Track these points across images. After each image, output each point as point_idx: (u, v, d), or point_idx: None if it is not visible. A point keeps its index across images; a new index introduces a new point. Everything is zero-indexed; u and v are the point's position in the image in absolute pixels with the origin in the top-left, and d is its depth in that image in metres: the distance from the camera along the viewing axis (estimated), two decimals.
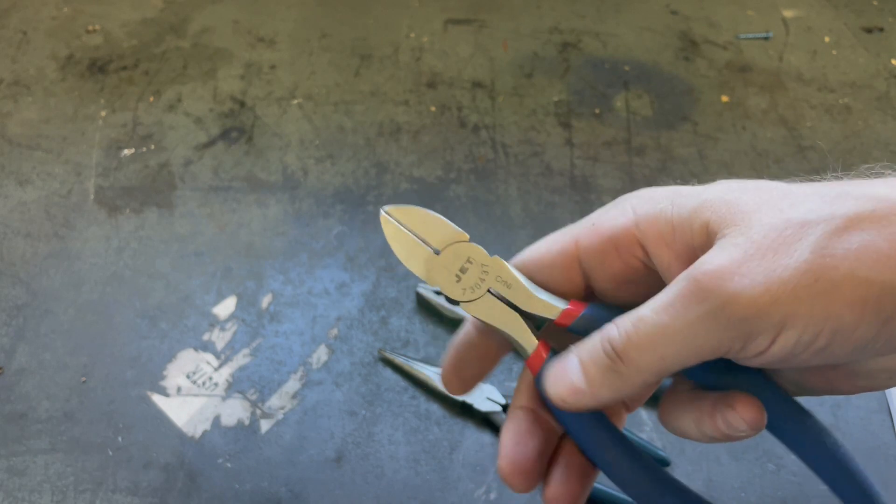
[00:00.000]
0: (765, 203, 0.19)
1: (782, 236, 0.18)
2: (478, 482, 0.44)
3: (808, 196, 0.19)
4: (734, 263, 0.18)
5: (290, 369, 0.49)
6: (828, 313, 0.18)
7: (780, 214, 0.19)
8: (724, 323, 0.18)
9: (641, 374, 0.20)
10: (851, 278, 0.18)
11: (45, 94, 0.68)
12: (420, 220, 0.25)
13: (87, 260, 0.55)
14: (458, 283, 0.24)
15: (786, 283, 0.18)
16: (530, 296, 0.23)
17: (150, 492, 0.43)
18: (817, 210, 0.18)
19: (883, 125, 0.66)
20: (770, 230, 0.19)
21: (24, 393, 0.48)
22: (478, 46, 0.73)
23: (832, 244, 0.18)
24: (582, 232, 0.22)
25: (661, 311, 0.19)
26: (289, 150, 0.63)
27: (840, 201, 0.19)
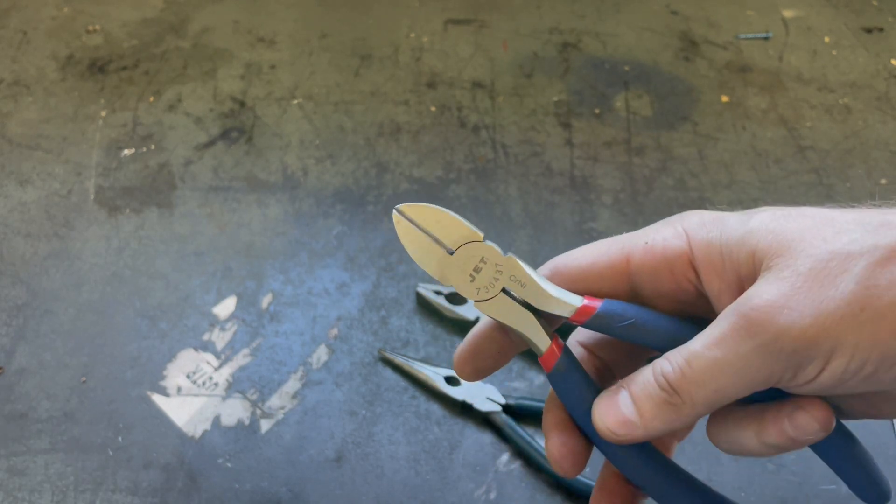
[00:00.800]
0: (808, 232, 0.20)
1: (828, 268, 0.19)
2: (478, 482, 0.44)
3: (851, 226, 0.20)
4: (782, 297, 0.19)
5: (290, 369, 0.49)
6: (875, 341, 0.19)
7: (824, 245, 0.19)
8: (776, 355, 0.19)
9: (696, 408, 0.21)
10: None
11: (46, 94, 0.68)
12: (434, 218, 0.24)
13: (87, 260, 0.55)
14: (472, 282, 0.24)
15: (833, 315, 0.19)
16: (544, 294, 0.23)
17: (150, 492, 0.43)
18: (860, 241, 0.19)
19: (883, 125, 0.66)
20: (816, 262, 0.19)
21: (24, 393, 0.48)
22: (478, 46, 0.73)
23: (876, 275, 0.19)
24: (635, 249, 0.24)
25: (714, 347, 0.20)
26: (289, 150, 0.63)
27: (883, 231, 0.19)
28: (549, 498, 0.43)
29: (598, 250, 0.25)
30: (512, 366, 0.49)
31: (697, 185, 0.61)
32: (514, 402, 0.46)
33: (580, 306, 0.23)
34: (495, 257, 0.24)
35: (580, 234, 0.57)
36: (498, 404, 0.46)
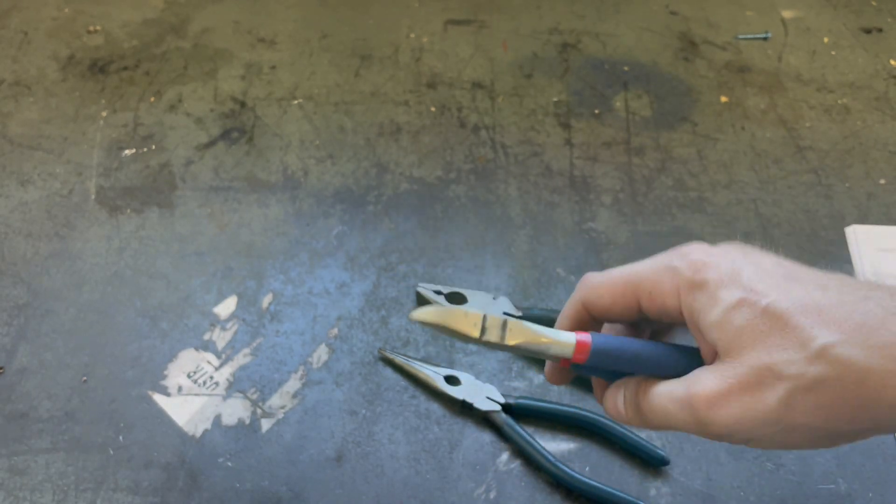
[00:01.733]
0: (758, 341, 0.24)
1: (759, 380, 0.23)
2: (478, 481, 0.44)
3: (793, 343, 0.23)
4: (717, 395, 0.24)
5: (290, 369, 0.49)
6: (787, 442, 0.25)
7: (763, 357, 0.23)
8: (704, 430, 0.25)
9: (653, 425, 0.27)
10: (807, 427, 0.23)
11: (46, 95, 0.68)
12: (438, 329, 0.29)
13: (88, 260, 0.55)
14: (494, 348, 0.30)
15: (753, 421, 0.24)
16: (543, 352, 0.29)
17: (151, 491, 0.43)
18: (795, 365, 0.23)
19: (882, 125, 0.66)
20: (750, 372, 0.24)
21: (25, 392, 0.48)
22: (478, 47, 0.74)
23: (797, 400, 0.23)
24: (642, 296, 0.28)
25: (670, 404, 0.26)
26: (289, 150, 0.63)
27: (817, 363, 0.23)
28: (549, 497, 0.43)
29: (616, 280, 0.29)
30: (511, 365, 0.49)
31: (697, 185, 0.61)
32: (513, 402, 0.46)
33: (577, 343, 0.28)
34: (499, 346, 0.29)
35: (580, 234, 0.57)
36: (497, 404, 0.46)
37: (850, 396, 0.22)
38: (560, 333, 0.28)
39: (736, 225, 0.58)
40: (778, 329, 0.24)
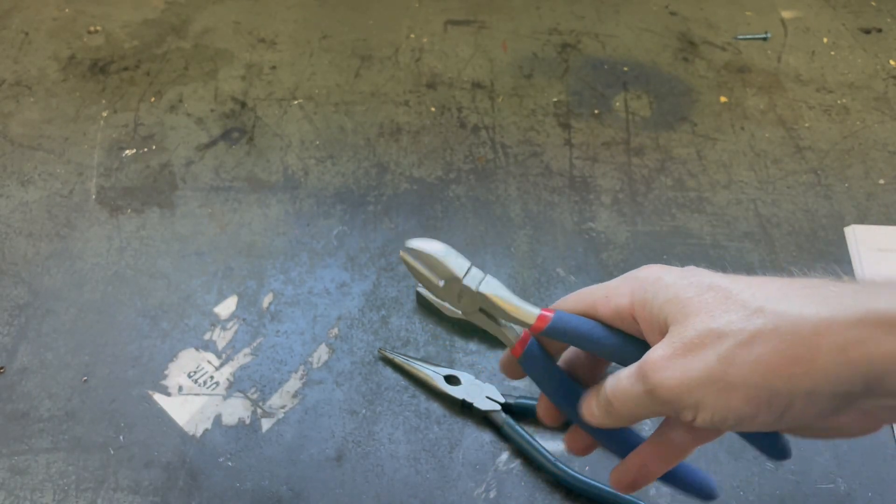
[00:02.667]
0: (703, 309, 0.25)
1: (702, 342, 0.25)
2: (477, 481, 0.44)
3: (735, 307, 0.25)
4: (663, 358, 0.25)
5: (290, 368, 0.49)
6: (729, 406, 0.24)
7: (708, 322, 0.25)
8: (656, 400, 0.26)
9: (623, 419, 0.28)
10: (745, 384, 0.24)
11: (47, 95, 0.68)
12: (427, 260, 0.32)
13: (88, 260, 0.55)
14: (459, 303, 0.34)
15: (694, 380, 0.24)
16: (507, 311, 0.31)
17: (151, 490, 0.43)
18: (735, 322, 0.24)
19: (881, 125, 0.66)
20: (695, 335, 0.25)
21: (25, 392, 0.48)
22: (477, 47, 0.74)
23: (735, 354, 0.24)
24: (598, 301, 0.30)
25: (625, 380, 0.27)
26: (289, 150, 0.63)
27: (755, 317, 0.24)
28: (549, 496, 0.43)
29: (579, 298, 0.31)
30: None
31: (696, 186, 0.61)
32: (513, 401, 0.46)
33: (538, 315, 0.30)
34: (471, 292, 0.32)
35: (579, 234, 0.57)
36: (497, 403, 0.46)
37: (785, 346, 0.23)
38: (528, 305, 0.31)
39: (735, 225, 0.58)
40: (722, 298, 0.25)
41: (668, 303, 0.26)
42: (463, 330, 0.51)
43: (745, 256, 0.56)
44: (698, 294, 0.26)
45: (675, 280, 0.27)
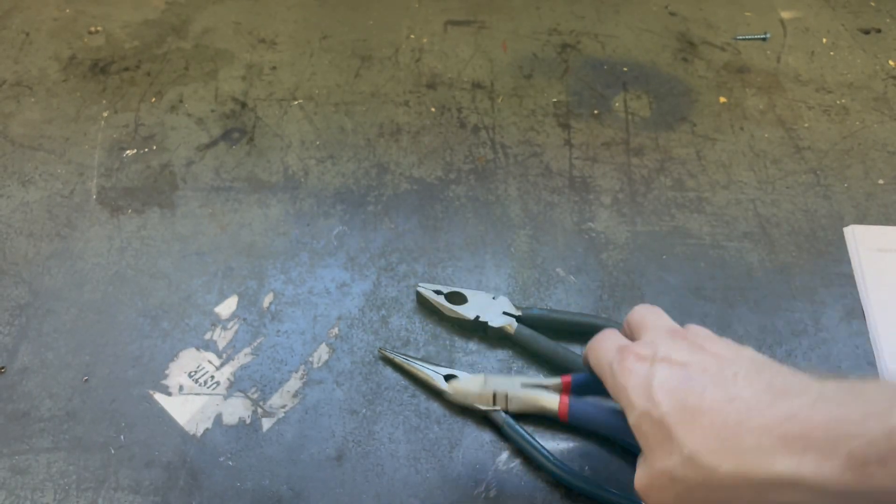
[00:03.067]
0: (657, 447, 0.30)
1: (662, 483, 0.30)
2: (478, 480, 0.44)
3: (675, 451, 0.29)
4: (643, 489, 0.32)
5: (291, 368, 0.49)
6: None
7: (660, 464, 0.30)
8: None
9: None
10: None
11: (48, 95, 0.68)
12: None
13: (89, 260, 0.55)
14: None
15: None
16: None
17: (152, 490, 0.44)
18: (677, 469, 0.29)
19: (880, 126, 0.66)
20: (657, 475, 0.30)
21: (26, 392, 0.48)
22: (477, 47, 0.74)
23: (684, 498, 0.29)
24: (588, 356, 0.39)
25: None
26: (290, 150, 0.64)
27: (688, 467, 0.29)
28: (549, 496, 0.43)
29: (597, 362, 0.38)
30: (511, 365, 0.49)
31: (696, 186, 0.61)
32: None
33: (558, 404, 0.41)
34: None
35: (579, 234, 0.57)
36: None
37: (715, 497, 0.28)
38: (550, 398, 0.40)
39: (735, 225, 0.58)
40: (667, 439, 0.30)
41: (633, 429, 0.32)
42: (463, 330, 0.51)
43: (745, 256, 0.56)
44: (650, 430, 0.31)
45: (636, 400, 0.32)
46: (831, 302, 0.53)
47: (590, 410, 0.37)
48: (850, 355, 0.50)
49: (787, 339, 0.51)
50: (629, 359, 0.33)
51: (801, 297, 0.53)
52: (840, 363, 0.50)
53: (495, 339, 0.51)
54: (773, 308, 0.53)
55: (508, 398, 0.40)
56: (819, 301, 0.53)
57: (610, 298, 0.53)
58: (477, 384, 0.43)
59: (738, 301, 0.53)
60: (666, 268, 0.55)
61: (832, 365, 0.50)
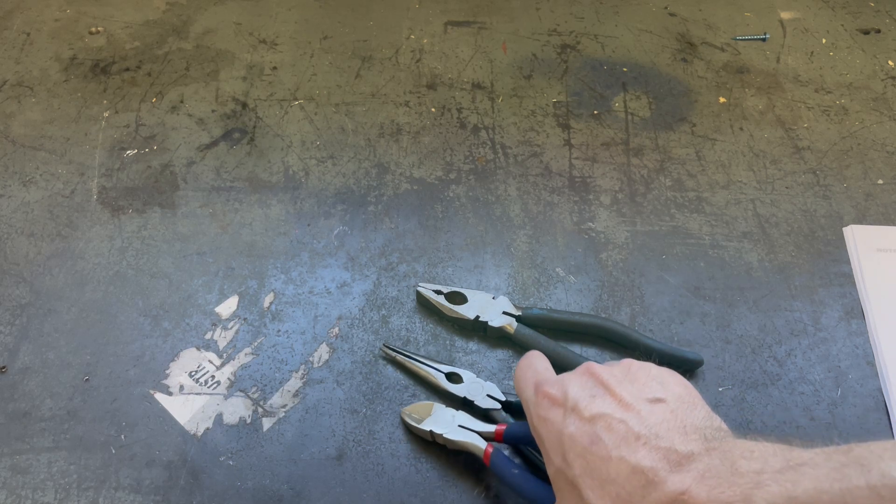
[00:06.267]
0: (561, 502, 0.34)
1: None
2: (478, 480, 0.44)
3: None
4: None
5: (291, 368, 0.49)
6: None
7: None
8: None
9: None
10: None
11: (49, 95, 0.68)
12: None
13: (90, 259, 0.55)
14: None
15: None
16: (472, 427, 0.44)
17: (152, 489, 0.44)
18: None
19: (879, 126, 0.67)
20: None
21: (27, 391, 0.48)
22: (477, 48, 0.74)
23: None
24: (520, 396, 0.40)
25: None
26: (290, 150, 0.64)
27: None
28: None
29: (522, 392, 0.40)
30: (511, 364, 0.50)
31: (695, 186, 0.61)
32: (514, 400, 0.46)
33: (484, 450, 0.43)
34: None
35: (579, 234, 0.58)
36: (498, 402, 0.46)
37: None
38: (478, 444, 0.43)
39: (734, 225, 0.58)
40: (580, 499, 0.32)
41: (551, 480, 0.35)
42: (463, 330, 0.51)
43: (744, 256, 0.56)
44: (564, 486, 0.33)
45: (552, 456, 0.34)
46: (830, 302, 0.53)
47: (506, 472, 0.41)
48: (849, 355, 0.50)
49: (786, 338, 0.51)
50: (543, 404, 0.36)
51: (801, 297, 0.54)
52: (839, 363, 0.50)
53: (495, 339, 0.51)
54: (772, 308, 0.53)
55: (444, 439, 0.43)
56: (818, 301, 0.53)
57: (609, 298, 0.53)
58: (424, 412, 0.45)
59: (738, 301, 0.53)
60: (666, 267, 0.55)
61: (831, 364, 0.50)
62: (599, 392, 0.34)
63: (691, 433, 0.31)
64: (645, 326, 0.52)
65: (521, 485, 0.40)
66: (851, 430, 0.46)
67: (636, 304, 0.53)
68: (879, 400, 0.48)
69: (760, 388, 0.48)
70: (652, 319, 0.52)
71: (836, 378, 0.49)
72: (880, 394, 0.48)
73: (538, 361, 0.40)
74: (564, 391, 0.35)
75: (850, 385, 0.49)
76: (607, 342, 0.51)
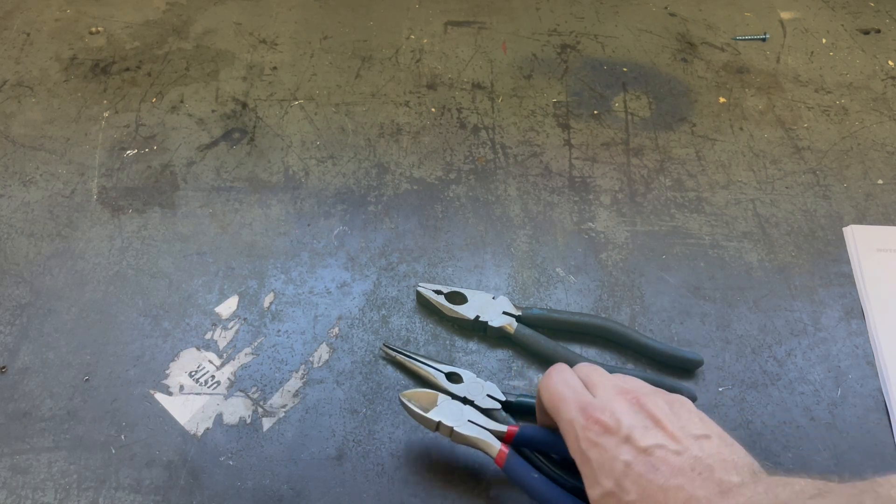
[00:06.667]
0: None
1: None
2: (477, 479, 0.44)
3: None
4: None
5: (291, 368, 0.49)
6: None
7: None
8: None
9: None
10: None
11: (49, 95, 0.68)
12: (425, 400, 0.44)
13: (90, 259, 0.55)
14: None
15: None
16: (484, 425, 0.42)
17: (152, 489, 0.44)
18: None
19: (879, 126, 0.67)
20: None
21: (27, 391, 0.48)
22: (477, 48, 0.74)
23: None
24: (555, 418, 0.39)
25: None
26: (290, 150, 0.64)
27: None
28: None
29: (542, 406, 0.41)
30: (511, 364, 0.50)
31: (695, 186, 0.61)
32: (514, 399, 0.46)
33: (507, 430, 0.42)
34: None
35: (579, 234, 0.58)
36: (498, 401, 0.46)
37: None
38: (492, 444, 0.41)
39: (734, 225, 0.58)
40: None
41: (595, 503, 0.35)
42: (463, 330, 0.51)
43: (744, 256, 0.56)
44: (601, 497, 0.35)
45: (602, 478, 0.35)
46: (830, 302, 0.53)
47: (524, 476, 0.40)
48: (849, 355, 0.50)
49: (786, 338, 0.51)
50: (595, 429, 0.36)
51: (801, 297, 0.54)
52: (839, 363, 0.50)
53: (495, 339, 0.51)
54: (772, 308, 0.53)
55: (453, 433, 0.42)
56: (818, 301, 0.53)
57: (609, 298, 0.53)
58: (428, 401, 0.43)
59: (738, 301, 0.53)
60: (665, 268, 0.55)
61: (831, 364, 0.50)
62: (650, 424, 0.36)
63: (741, 467, 0.34)
64: (645, 326, 0.52)
65: (543, 491, 0.39)
66: (851, 430, 0.46)
67: (636, 304, 0.53)
68: (879, 400, 0.48)
69: (760, 388, 0.48)
70: (652, 319, 0.52)
71: (836, 378, 0.49)
72: (880, 394, 0.48)
73: (572, 378, 0.39)
74: (618, 420, 0.36)
75: (850, 385, 0.49)
76: (607, 342, 0.51)
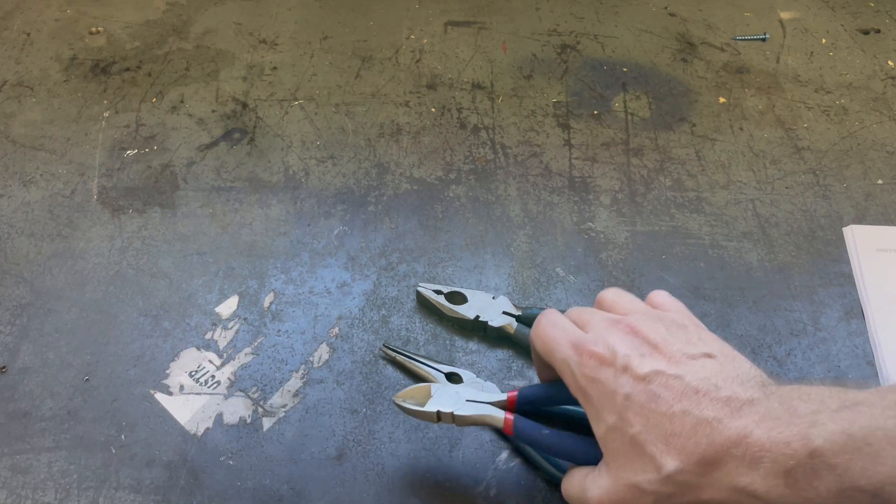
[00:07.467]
0: (628, 464, 0.33)
1: (631, 495, 0.33)
2: (477, 479, 0.44)
3: (650, 468, 0.32)
4: (609, 495, 0.34)
5: (291, 368, 0.49)
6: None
7: (632, 478, 0.33)
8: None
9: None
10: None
11: (49, 95, 0.68)
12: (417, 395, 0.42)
13: (90, 259, 0.55)
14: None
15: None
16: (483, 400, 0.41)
17: (152, 489, 0.44)
18: (652, 484, 0.32)
19: (879, 126, 0.67)
20: (625, 488, 0.33)
21: (27, 391, 0.48)
22: (477, 48, 0.74)
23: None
24: (550, 362, 0.38)
25: (573, 489, 0.37)
26: (290, 150, 0.64)
27: (666, 484, 0.32)
28: (549, 495, 0.43)
29: (537, 351, 0.39)
30: (511, 364, 0.50)
31: (695, 186, 0.61)
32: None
33: (507, 397, 0.41)
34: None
35: (579, 234, 0.58)
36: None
37: (685, 500, 0.32)
38: (496, 415, 0.40)
39: (734, 225, 0.58)
40: (639, 456, 0.32)
41: (601, 442, 0.34)
42: (463, 330, 0.51)
43: (744, 256, 0.56)
44: (621, 445, 0.33)
45: (605, 414, 0.33)
46: (830, 302, 0.53)
47: (536, 436, 0.39)
48: (849, 355, 0.50)
49: (786, 338, 0.51)
50: (590, 364, 0.34)
51: (801, 297, 0.54)
52: (839, 363, 0.50)
53: (495, 339, 0.51)
54: (772, 308, 0.53)
55: (455, 417, 0.40)
56: (818, 301, 0.53)
57: None
58: (422, 395, 0.41)
59: (738, 301, 0.53)
60: (665, 268, 0.55)
61: (831, 364, 0.50)
62: (647, 350, 0.33)
63: (747, 381, 0.32)
64: None
65: (560, 444, 0.38)
66: None
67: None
68: None
69: None
70: None
71: (836, 378, 0.49)
72: None
73: (561, 319, 0.37)
74: (612, 350, 0.33)
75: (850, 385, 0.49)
76: None
